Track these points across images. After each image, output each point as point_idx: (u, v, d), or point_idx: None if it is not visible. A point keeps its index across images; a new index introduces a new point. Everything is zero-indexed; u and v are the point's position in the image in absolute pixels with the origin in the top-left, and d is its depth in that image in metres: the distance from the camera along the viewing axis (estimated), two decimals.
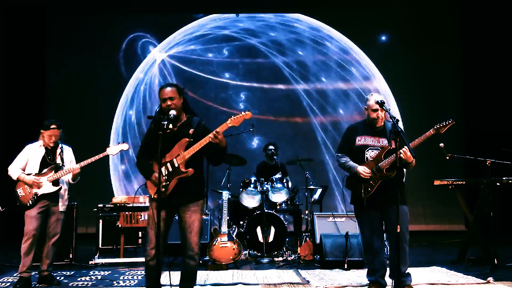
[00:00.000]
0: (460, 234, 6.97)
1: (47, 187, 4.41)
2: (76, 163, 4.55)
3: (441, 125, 3.75)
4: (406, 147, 3.65)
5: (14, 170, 4.43)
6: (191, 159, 3.32)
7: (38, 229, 4.37)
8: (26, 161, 4.47)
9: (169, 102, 3.36)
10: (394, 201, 3.59)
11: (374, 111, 3.90)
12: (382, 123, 3.95)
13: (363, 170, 3.84)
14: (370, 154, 3.90)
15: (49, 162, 4.48)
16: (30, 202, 4.35)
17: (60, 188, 4.50)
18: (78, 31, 8.82)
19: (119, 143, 4.55)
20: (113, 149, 4.52)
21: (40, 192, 4.38)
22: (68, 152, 4.65)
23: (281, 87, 8.90)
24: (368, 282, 4.06)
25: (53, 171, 4.44)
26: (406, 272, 3.86)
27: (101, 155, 4.48)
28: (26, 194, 4.37)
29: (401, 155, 3.67)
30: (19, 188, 4.40)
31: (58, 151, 4.56)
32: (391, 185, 3.74)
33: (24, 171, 4.45)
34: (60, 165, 4.51)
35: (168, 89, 3.41)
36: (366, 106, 3.98)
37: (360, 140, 3.97)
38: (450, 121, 3.74)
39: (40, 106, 8.57)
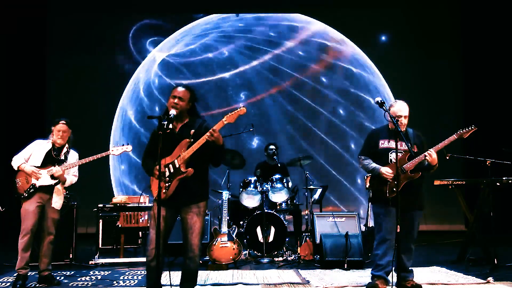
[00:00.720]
0: (460, 234, 6.96)
1: (45, 179, 4.40)
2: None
3: (464, 130, 3.92)
4: (431, 150, 3.88)
5: (16, 160, 4.45)
6: (192, 160, 3.32)
7: (36, 225, 4.37)
8: (30, 154, 4.49)
9: (176, 100, 3.37)
10: (416, 207, 4.03)
11: (398, 117, 3.99)
12: (404, 129, 4.08)
13: (386, 170, 3.98)
14: (393, 156, 4.00)
15: (53, 157, 4.48)
16: (25, 193, 4.35)
17: (58, 183, 4.47)
18: (78, 31, 8.81)
19: (123, 144, 4.59)
20: (117, 150, 4.55)
21: (38, 183, 4.39)
22: (73, 156, 4.64)
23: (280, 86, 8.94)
24: (373, 276, 4.09)
25: (54, 166, 4.43)
26: (410, 268, 4.09)
27: (103, 154, 4.52)
28: (23, 184, 4.39)
29: (427, 157, 3.87)
30: (18, 178, 4.43)
31: (65, 150, 4.56)
32: (413, 188, 3.96)
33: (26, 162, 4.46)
34: (62, 161, 4.50)
35: (181, 89, 3.43)
36: (390, 112, 4.03)
37: (384, 144, 4.10)
38: (473, 127, 3.91)
39: (40, 106, 8.57)
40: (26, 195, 4.37)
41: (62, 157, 4.53)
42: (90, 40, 8.80)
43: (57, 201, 4.51)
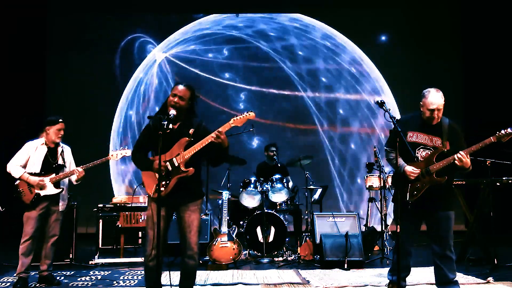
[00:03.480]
0: (460, 234, 6.94)
1: (49, 189, 4.38)
2: (76, 165, 4.55)
3: (504, 133, 3.56)
4: (462, 152, 3.51)
5: (15, 169, 4.38)
6: (191, 159, 3.32)
7: (38, 230, 4.35)
8: (27, 159, 4.42)
9: (176, 99, 3.34)
10: (443, 207, 3.59)
11: (430, 111, 3.62)
12: (439, 120, 3.68)
13: (411, 170, 3.58)
14: (421, 153, 3.62)
15: (51, 162, 4.45)
16: (30, 204, 4.32)
17: (62, 190, 4.48)
18: (78, 31, 8.82)
19: (122, 148, 4.56)
20: (116, 154, 4.51)
21: (42, 193, 4.36)
22: (68, 152, 4.64)
23: (281, 90, 8.94)
24: (389, 280, 3.93)
25: (55, 173, 4.42)
26: (455, 279, 3.65)
27: (103, 160, 4.50)
28: (28, 194, 4.34)
29: (456, 161, 3.51)
30: (21, 187, 4.37)
31: (59, 150, 4.53)
32: (438, 189, 3.56)
33: (24, 168, 4.41)
34: (62, 165, 4.49)
35: (182, 87, 3.38)
36: (422, 103, 3.69)
37: (412, 137, 3.68)
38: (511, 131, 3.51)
39: (40, 106, 8.57)
40: (31, 205, 4.33)
41: (60, 161, 4.48)
42: (89, 40, 8.80)
43: (63, 205, 4.54)
